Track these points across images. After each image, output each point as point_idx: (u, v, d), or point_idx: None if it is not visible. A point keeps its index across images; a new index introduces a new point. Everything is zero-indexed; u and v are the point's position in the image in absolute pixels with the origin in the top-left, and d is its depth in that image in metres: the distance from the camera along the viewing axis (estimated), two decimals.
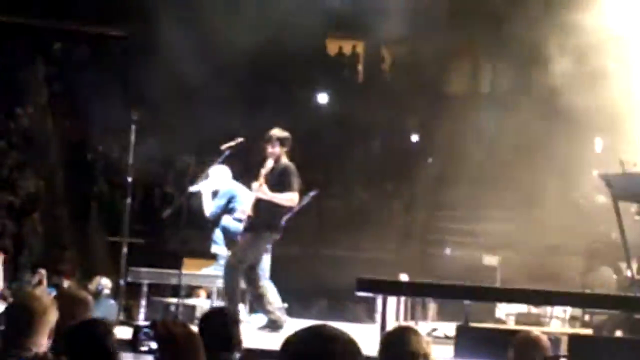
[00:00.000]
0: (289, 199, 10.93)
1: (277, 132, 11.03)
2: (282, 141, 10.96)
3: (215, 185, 12.27)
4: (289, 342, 3.06)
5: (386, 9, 18.39)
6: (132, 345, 4.01)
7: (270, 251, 11.72)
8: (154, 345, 3.59)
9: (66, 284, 14.05)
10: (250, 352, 7.07)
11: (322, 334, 3.05)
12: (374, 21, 19.61)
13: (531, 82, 18.06)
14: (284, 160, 10.98)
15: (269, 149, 10.99)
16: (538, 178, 16.21)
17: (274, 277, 11.79)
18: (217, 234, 12.29)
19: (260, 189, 10.92)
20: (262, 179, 10.96)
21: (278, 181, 10.91)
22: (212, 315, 5.89)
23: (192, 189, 12.05)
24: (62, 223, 18.57)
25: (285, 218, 11.19)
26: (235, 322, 5.88)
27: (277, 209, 10.99)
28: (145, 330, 3.90)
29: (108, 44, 23.86)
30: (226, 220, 12.10)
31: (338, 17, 21.47)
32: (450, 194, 18.31)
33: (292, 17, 18.26)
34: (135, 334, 3.97)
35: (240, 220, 11.67)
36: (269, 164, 11.03)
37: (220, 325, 5.68)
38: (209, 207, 12.20)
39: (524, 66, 19.07)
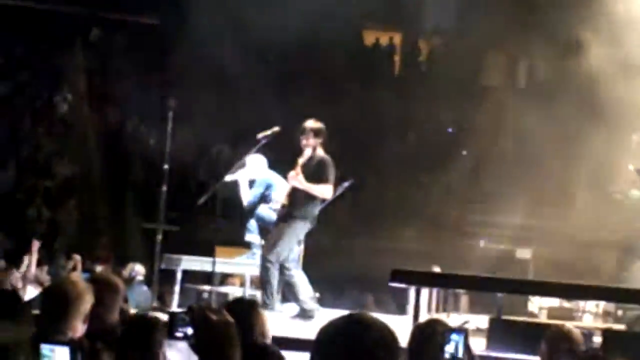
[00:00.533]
0: (324, 191, 10.96)
1: (311, 123, 11.06)
2: (316, 132, 10.99)
3: (252, 174, 12.31)
4: (324, 331, 3.06)
5: (423, 0, 18.37)
6: (168, 331, 4.04)
7: (303, 241, 11.76)
8: (189, 331, 3.62)
9: (100, 269, 14.14)
10: (281, 340, 7.11)
11: (358, 322, 3.05)
12: (411, 13, 19.60)
13: (567, 75, 17.95)
14: (321, 152, 11.01)
15: (304, 141, 11.02)
16: (573, 172, 16.15)
17: (306, 267, 11.82)
18: (252, 223, 12.33)
19: (296, 178, 10.97)
20: (298, 169, 11.00)
21: (314, 172, 10.94)
22: (235, 305, 5.90)
23: (229, 177, 12.09)
24: (97, 209, 18.69)
25: (319, 208, 11.22)
26: (257, 311, 5.88)
27: (312, 199, 11.03)
28: (181, 316, 3.93)
29: (145, 32, 23.96)
30: (262, 209, 12.14)
31: (375, 8, 21.45)
32: (485, 186, 18.28)
33: (329, 7, 18.26)
34: (171, 320, 4.00)
35: (275, 210, 11.71)
36: (307, 153, 11.06)
37: (243, 315, 5.68)
38: (246, 196, 12.24)
39: (560, 60, 18.98)
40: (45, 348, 4.12)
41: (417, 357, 5.00)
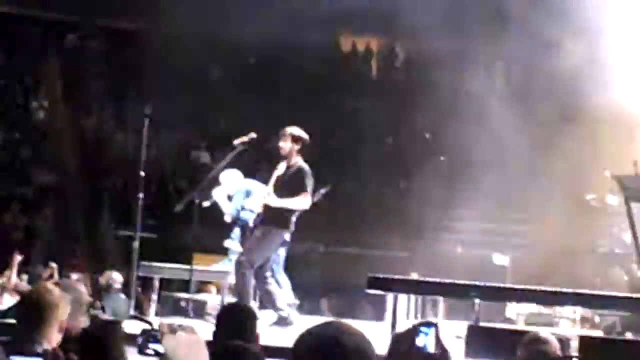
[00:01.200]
0: (302, 202, 10.89)
1: (292, 129, 11.02)
2: (295, 139, 10.95)
3: (228, 190, 12.33)
4: (302, 339, 3.06)
5: (401, 6, 18.36)
6: (139, 347, 4.02)
7: (287, 245, 11.72)
8: (160, 348, 3.58)
9: (76, 277, 14.06)
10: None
11: (335, 330, 3.04)
12: (388, 18, 19.59)
13: (545, 81, 18.01)
14: (298, 159, 10.96)
15: (281, 144, 10.98)
16: (550, 178, 16.17)
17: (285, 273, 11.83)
18: (235, 230, 12.34)
19: (269, 198, 10.91)
20: (270, 188, 10.94)
21: (292, 182, 10.89)
22: (231, 309, 5.92)
23: (207, 203, 12.10)
24: (74, 217, 18.60)
25: (296, 215, 11.19)
26: (254, 316, 5.90)
27: (287, 209, 10.98)
28: (152, 333, 3.90)
29: (122, 37, 23.90)
30: (244, 214, 12.17)
31: (352, 14, 21.43)
32: (462, 192, 18.28)
33: (306, 12, 18.24)
34: (142, 336, 3.98)
35: (252, 211, 11.69)
36: (282, 167, 11.02)
37: (239, 319, 5.70)
38: (228, 210, 12.25)
39: (538, 66, 19.02)
40: None
41: None
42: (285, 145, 10.93)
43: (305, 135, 10.98)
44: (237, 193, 12.22)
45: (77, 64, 22.61)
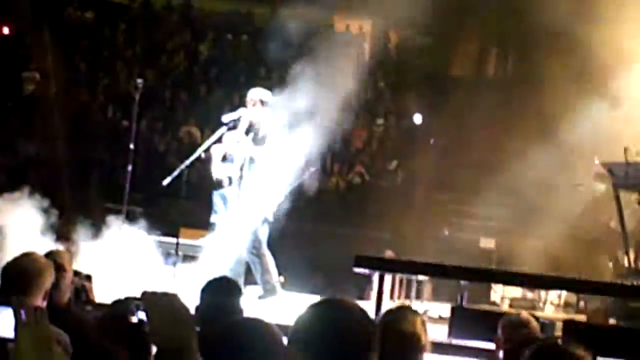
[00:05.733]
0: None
1: (257, 93, 11.05)
2: (262, 101, 10.99)
3: (226, 149, 12.31)
4: (303, 316, 3.02)
5: None
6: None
7: (269, 222, 11.72)
8: (143, 316, 3.54)
9: (61, 248, 14.02)
10: None
11: (337, 306, 3.02)
12: (382, 1, 19.52)
13: (537, 67, 18.00)
14: (266, 118, 10.98)
15: (250, 107, 11.01)
16: (539, 164, 16.18)
17: (271, 252, 11.82)
18: (217, 202, 12.31)
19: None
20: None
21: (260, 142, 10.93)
22: (215, 283, 5.86)
23: (201, 152, 12.06)
24: (61, 188, 18.55)
25: (284, 193, 11.20)
26: (239, 290, 5.86)
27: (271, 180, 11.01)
28: (135, 302, 3.88)
29: (114, 10, 23.84)
30: (228, 189, 12.15)
31: None
32: (451, 175, 18.30)
33: None
34: (125, 305, 3.96)
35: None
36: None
37: (222, 293, 5.66)
38: (216, 170, 12.24)
39: (530, 51, 19.03)
40: None
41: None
42: (255, 107, 10.96)
43: (270, 96, 11.02)
44: (231, 158, 12.20)
45: (70, 35, 22.55)
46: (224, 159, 12.33)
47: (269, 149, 10.87)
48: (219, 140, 12.20)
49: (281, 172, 10.91)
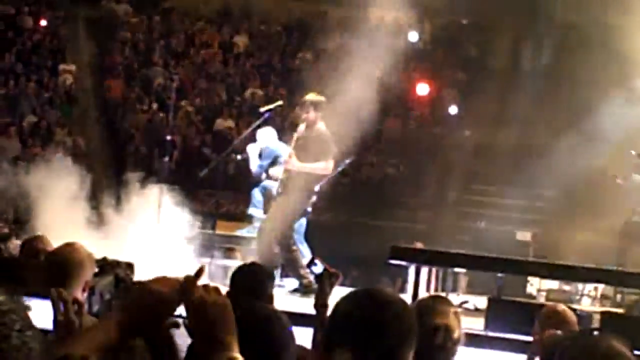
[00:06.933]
0: (323, 167, 10.87)
1: (311, 96, 10.98)
2: (316, 105, 10.90)
3: (261, 145, 12.37)
4: (341, 304, 3.02)
5: None
6: None
7: (308, 214, 11.72)
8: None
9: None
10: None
11: (376, 296, 3.01)
12: None
13: (571, 60, 17.90)
14: (320, 125, 10.92)
15: (304, 115, 10.95)
16: (574, 156, 16.11)
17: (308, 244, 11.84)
18: (257, 196, 12.35)
19: (290, 161, 10.90)
20: (292, 151, 10.94)
21: (313, 147, 10.87)
22: (246, 269, 5.87)
23: (240, 157, 12.12)
24: (98, 180, 18.65)
25: (320, 183, 11.18)
26: (269, 276, 5.87)
27: (309, 174, 10.96)
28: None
29: (149, 2, 23.91)
30: (267, 182, 12.19)
31: None
32: (487, 167, 18.24)
33: None
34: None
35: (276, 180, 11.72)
36: (301, 128, 11.01)
37: (252, 279, 5.67)
38: (255, 166, 12.31)
39: (565, 44, 18.94)
40: None
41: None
42: (309, 115, 10.89)
43: (323, 99, 10.95)
44: (266, 155, 12.25)
45: (105, 29, 22.64)
46: (260, 155, 12.38)
47: (310, 148, 10.85)
48: (254, 133, 12.24)
49: (320, 165, 10.87)
